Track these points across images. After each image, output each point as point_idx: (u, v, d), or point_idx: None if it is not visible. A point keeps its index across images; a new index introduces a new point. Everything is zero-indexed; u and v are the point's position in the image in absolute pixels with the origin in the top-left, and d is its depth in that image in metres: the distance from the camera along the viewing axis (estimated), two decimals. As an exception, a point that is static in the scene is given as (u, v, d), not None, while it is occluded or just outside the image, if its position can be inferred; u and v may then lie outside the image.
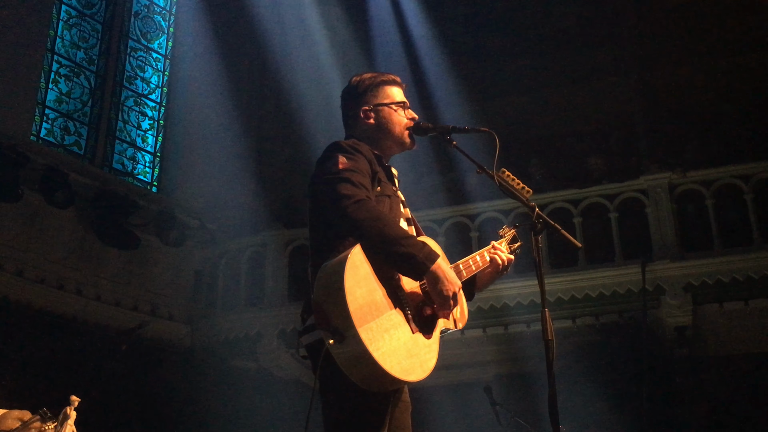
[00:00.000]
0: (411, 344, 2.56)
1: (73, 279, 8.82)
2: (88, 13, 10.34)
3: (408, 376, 2.49)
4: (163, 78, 11.15)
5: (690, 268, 8.29)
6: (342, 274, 2.48)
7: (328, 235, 2.71)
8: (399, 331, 2.54)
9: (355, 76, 3.12)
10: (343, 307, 2.43)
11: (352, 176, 2.67)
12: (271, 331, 9.31)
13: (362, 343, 2.40)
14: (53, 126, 9.58)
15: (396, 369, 2.45)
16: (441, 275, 2.57)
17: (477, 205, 9.22)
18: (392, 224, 2.61)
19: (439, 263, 2.57)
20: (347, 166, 2.71)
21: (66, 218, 8.84)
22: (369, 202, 2.61)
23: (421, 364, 2.57)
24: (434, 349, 2.65)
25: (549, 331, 2.62)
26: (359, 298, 2.46)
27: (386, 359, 2.44)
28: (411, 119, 3.06)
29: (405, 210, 3.01)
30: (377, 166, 2.87)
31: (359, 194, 2.61)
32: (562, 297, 8.53)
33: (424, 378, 2.58)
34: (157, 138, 10.82)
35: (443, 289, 2.57)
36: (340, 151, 2.78)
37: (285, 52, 10.89)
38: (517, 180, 2.92)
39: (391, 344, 2.48)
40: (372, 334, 2.44)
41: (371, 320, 2.46)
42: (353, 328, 2.41)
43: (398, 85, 3.11)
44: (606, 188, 9.02)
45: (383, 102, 3.03)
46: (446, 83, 10.51)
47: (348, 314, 2.42)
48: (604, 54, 10.91)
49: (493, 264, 3.08)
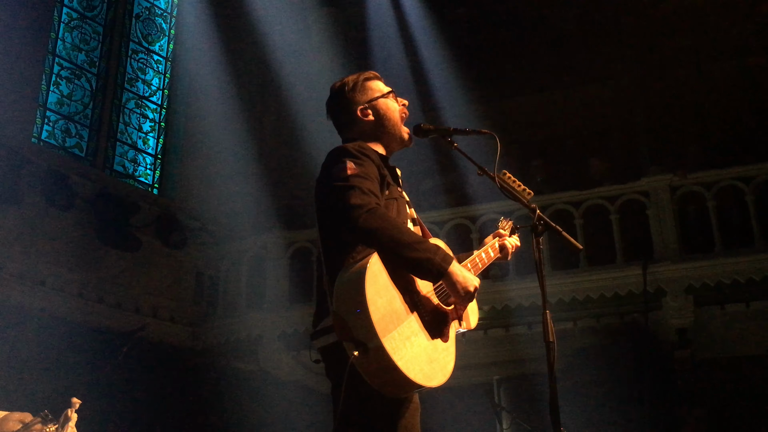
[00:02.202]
0: (431, 349, 2.56)
1: (74, 281, 8.82)
2: (89, 16, 10.35)
3: (430, 382, 2.50)
4: (164, 80, 11.15)
5: (691, 269, 8.28)
6: (362, 284, 2.46)
7: (340, 242, 2.69)
8: (419, 338, 2.54)
9: (336, 83, 3.12)
10: (366, 319, 2.42)
11: (362, 183, 2.64)
12: (272, 333, 9.30)
13: (387, 353, 2.40)
14: (54, 128, 9.59)
15: (419, 376, 2.46)
16: (459, 275, 2.58)
17: (478, 207, 9.22)
18: (404, 230, 2.61)
19: (454, 264, 2.60)
20: (356, 172, 2.68)
21: (67, 220, 8.84)
22: (379, 209, 2.59)
23: (442, 368, 2.58)
24: (452, 352, 2.66)
25: (550, 333, 2.62)
26: (381, 309, 2.45)
27: (410, 367, 2.44)
28: (403, 105, 3.08)
29: (410, 211, 3.01)
30: (384, 169, 2.86)
31: (370, 203, 2.58)
32: (563, 299, 8.53)
33: (445, 382, 2.59)
34: (158, 140, 10.83)
35: (463, 288, 2.58)
36: (347, 155, 2.75)
37: (286, 53, 10.90)
38: (518, 182, 2.92)
39: (412, 351, 2.48)
40: (395, 343, 2.44)
41: (393, 329, 2.46)
42: (377, 339, 2.40)
43: (378, 78, 3.13)
44: (607, 190, 9.01)
45: (374, 96, 3.04)
46: (447, 85, 10.52)
47: (371, 325, 2.41)
48: (605, 56, 10.91)
49: (503, 251, 3.21)
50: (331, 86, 3.13)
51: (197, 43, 11.00)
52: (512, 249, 3.24)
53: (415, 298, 2.61)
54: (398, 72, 10.50)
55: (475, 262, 2.99)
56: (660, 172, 8.83)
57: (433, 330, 2.61)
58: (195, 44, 11.06)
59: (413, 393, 2.62)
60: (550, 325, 2.64)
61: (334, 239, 2.72)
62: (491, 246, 3.18)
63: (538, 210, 2.85)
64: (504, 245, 3.21)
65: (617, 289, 8.47)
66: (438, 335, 2.62)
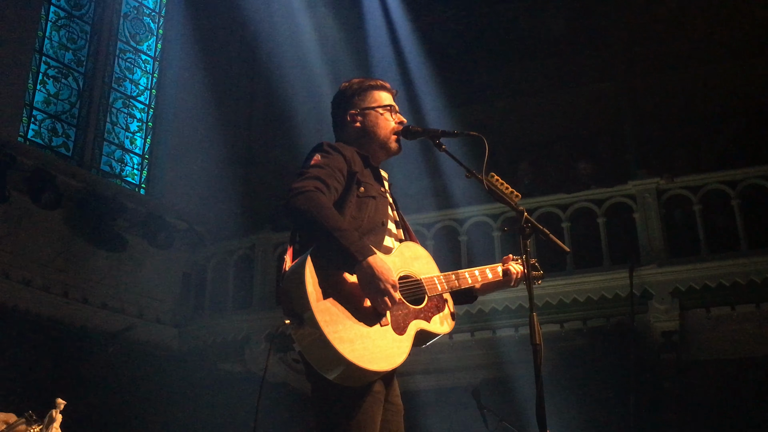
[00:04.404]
0: (376, 335, 2.54)
1: (60, 281, 8.77)
2: (77, 15, 10.30)
3: (369, 365, 2.46)
4: (151, 80, 11.11)
5: (677, 273, 8.31)
6: (305, 259, 2.50)
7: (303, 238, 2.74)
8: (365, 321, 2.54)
9: (344, 82, 3.13)
10: (302, 290, 2.44)
11: (315, 171, 2.69)
12: (259, 334, 9.28)
13: (318, 324, 2.41)
14: (41, 127, 9.54)
15: (353, 355, 2.43)
16: (373, 270, 2.51)
17: (466, 209, 9.23)
18: (330, 216, 2.56)
19: (371, 259, 2.53)
20: (318, 163, 2.74)
21: (53, 220, 8.80)
22: (314, 193, 2.59)
23: (387, 357, 2.53)
24: (405, 347, 2.61)
25: (537, 336, 2.63)
26: (319, 282, 2.48)
27: (343, 345, 2.43)
28: (399, 123, 3.07)
29: (394, 213, 3.00)
30: (361, 167, 2.87)
31: (307, 185, 2.60)
32: (550, 301, 8.55)
33: (389, 370, 2.56)
34: (145, 140, 10.79)
35: (374, 284, 2.51)
36: (318, 150, 2.82)
37: (274, 54, 10.89)
38: (506, 184, 2.92)
39: (352, 331, 2.47)
40: (329, 317, 2.44)
41: (330, 306, 2.47)
42: (309, 310, 2.42)
43: (387, 89, 3.11)
44: (594, 193, 9.04)
45: (370, 106, 3.04)
46: (436, 88, 10.53)
47: (306, 296, 2.43)
48: (592, 60, 10.96)
49: (506, 276, 3.16)
50: (340, 85, 3.15)
51: (185, 44, 10.97)
52: (517, 275, 3.16)
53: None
54: (387, 74, 10.50)
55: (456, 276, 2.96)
56: (647, 176, 8.86)
57: (389, 321, 2.59)
58: (183, 44, 11.03)
59: (364, 380, 2.54)
60: (537, 327, 2.65)
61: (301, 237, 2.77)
62: (491, 268, 3.15)
63: (525, 212, 2.86)
64: (508, 270, 3.17)
65: (604, 292, 8.49)
66: (393, 327, 2.59)
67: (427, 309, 2.77)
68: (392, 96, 3.12)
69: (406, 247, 2.89)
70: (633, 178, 8.93)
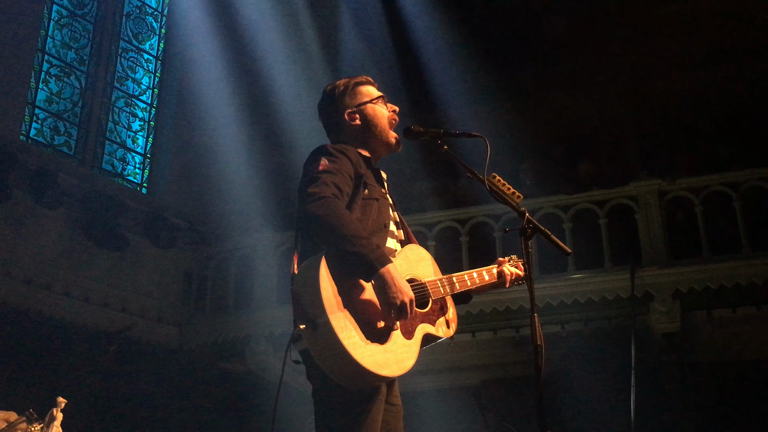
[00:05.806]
0: (388, 341, 2.55)
1: (62, 280, 8.77)
2: (80, 14, 10.31)
3: (381, 370, 2.47)
4: (154, 79, 11.11)
5: (679, 274, 8.31)
6: (319, 263, 2.50)
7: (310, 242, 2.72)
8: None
9: (328, 85, 3.14)
10: (317, 296, 2.44)
11: (327, 177, 2.67)
12: (260, 334, 9.28)
13: (333, 330, 2.41)
14: (43, 126, 9.54)
15: (368, 360, 2.44)
16: (389, 280, 2.51)
17: (467, 210, 9.23)
18: (349, 223, 2.57)
19: (389, 268, 2.52)
20: (327, 167, 2.72)
21: (55, 219, 8.79)
22: (332, 200, 2.59)
23: (398, 361, 2.54)
24: (413, 351, 2.63)
25: (538, 337, 2.63)
26: (332, 289, 2.47)
27: (357, 349, 2.43)
28: (393, 111, 3.09)
29: (394, 213, 3.01)
30: (365, 169, 2.87)
31: (324, 192, 2.60)
32: (551, 302, 8.54)
33: (400, 375, 2.57)
34: (147, 139, 10.78)
35: (389, 296, 2.51)
36: (324, 153, 2.80)
37: (277, 54, 10.87)
38: (508, 185, 2.92)
39: (365, 337, 2.48)
40: (343, 323, 2.44)
41: (344, 311, 2.47)
42: (324, 315, 2.42)
43: (371, 83, 3.14)
44: (596, 194, 9.03)
45: (364, 100, 3.05)
46: (437, 89, 10.53)
47: (321, 302, 2.43)
48: (594, 61, 10.95)
49: (501, 278, 3.18)
50: (324, 88, 3.14)
51: (188, 43, 10.96)
52: (511, 276, 3.20)
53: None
54: (388, 76, 10.51)
55: (452, 281, 2.96)
56: (649, 177, 8.85)
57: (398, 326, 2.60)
58: (185, 44, 11.03)
59: (374, 384, 2.57)
60: (539, 328, 2.65)
61: (307, 239, 2.76)
62: (486, 270, 3.17)
63: (527, 213, 2.86)
64: (502, 271, 3.19)
65: (605, 293, 8.48)
66: (402, 332, 2.60)
67: (431, 312, 2.78)
68: (375, 88, 3.14)
69: (410, 250, 2.90)
70: (634, 180, 8.93)
